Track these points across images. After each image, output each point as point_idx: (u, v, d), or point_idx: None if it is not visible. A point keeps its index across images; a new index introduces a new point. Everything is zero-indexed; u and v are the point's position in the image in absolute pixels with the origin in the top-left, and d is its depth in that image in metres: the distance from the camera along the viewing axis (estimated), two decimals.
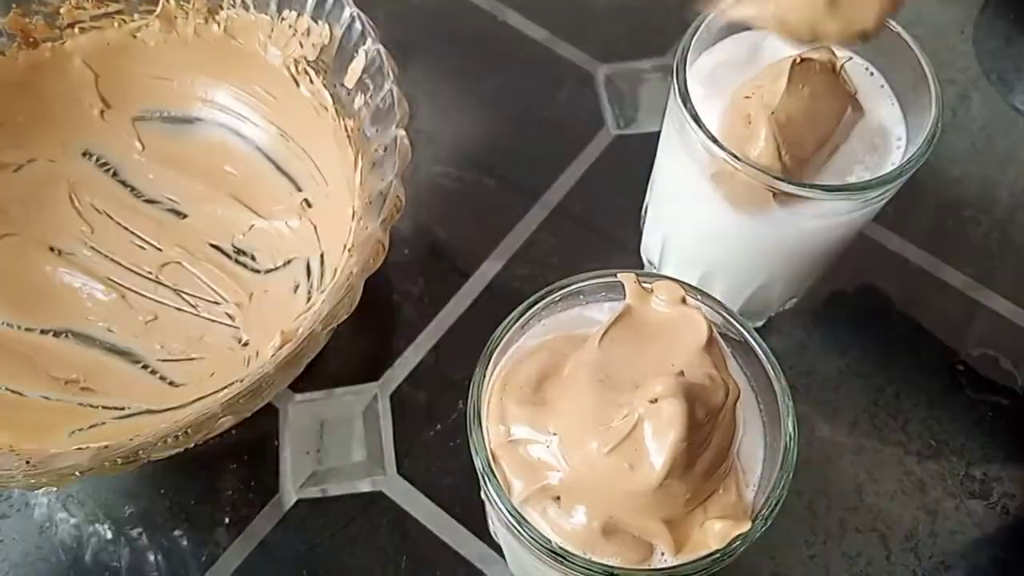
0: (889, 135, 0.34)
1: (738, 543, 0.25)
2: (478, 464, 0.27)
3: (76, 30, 0.43)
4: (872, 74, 0.35)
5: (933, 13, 0.54)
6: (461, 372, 0.43)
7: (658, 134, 0.38)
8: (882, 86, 0.35)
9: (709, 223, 0.36)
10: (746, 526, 0.25)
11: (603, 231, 0.47)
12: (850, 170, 0.34)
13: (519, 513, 0.26)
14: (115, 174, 0.45)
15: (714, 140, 0.32)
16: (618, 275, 0.29)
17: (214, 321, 0.42)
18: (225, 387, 0.39)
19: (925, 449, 0.41)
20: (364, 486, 0.40)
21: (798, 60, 0.32)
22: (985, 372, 0.43)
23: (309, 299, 0.42)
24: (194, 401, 0.39)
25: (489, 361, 0.28)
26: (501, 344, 0.28)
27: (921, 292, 0.46)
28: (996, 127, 0.51)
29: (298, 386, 0.42)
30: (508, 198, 0.48)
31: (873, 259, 0.46)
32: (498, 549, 0.39)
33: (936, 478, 0.41)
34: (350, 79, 0.40)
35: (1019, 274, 0.46)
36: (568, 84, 0.52)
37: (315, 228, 0.43)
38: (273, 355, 0.35)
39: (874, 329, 0.45)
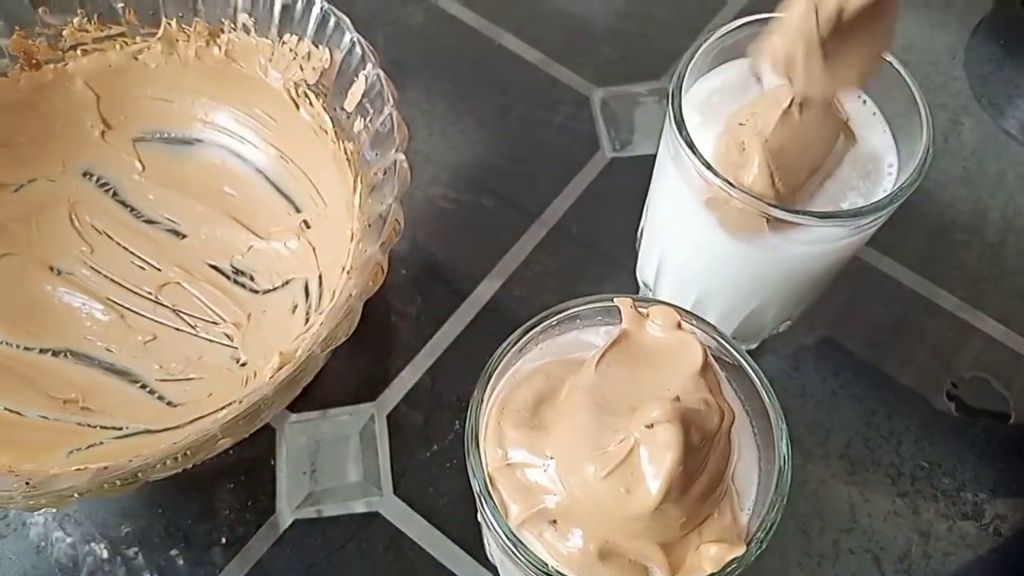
0: (881, 162, 0.35)
1: (733, 566, 0.25)
2: (475, 487, 0.27)
3: (78, 52, 0.44)
4: (864, 102, 0.36)
5: (924, 39, 0.55)
6: (458, 393, 0.43)
7: (653, 157, 0.39)
8: (874, 113, 0.36)
9: (704, 247, 0.37)
10: (741, 550, 0.26)
11: (599, 252, 0.48)
12: (843, 196, 0.34)
13: (515, 536, 0.26)
14: (115, 194, 0.46)
15: (708, 167, 0.32)
16: (614, 300, 0.29)
17: (212, 341, 0.43)
18: (223, 407, 0.39)
19: (918, 471, 0.42)
20: (360, 507, 0.41)
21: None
22: (977, 394, 0.44)
23: (307, 320, 0.42)
24: (192, 421, 0.39)
25: (487, 384, 0.28)
26: (499, 368, 0.29)
27: (913, 315, 0.46)
28: (987, 151, 0.51)
29: (295, 406, 0.42)
30: (505, 219, 0.48)
31: (866, 282, 0.47)
32: (494, 571, 0.39)
33: (929, 500, 0.41)
34: (350, 103, 0.40)
35: (1010, 297, 0.47)
36: (564, 107, 0.52)
37: (314, 249, 0.44)
38: (271, 377, 0.35)
39: (867, 351, 0.45)
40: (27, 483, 0.31)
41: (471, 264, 0.47)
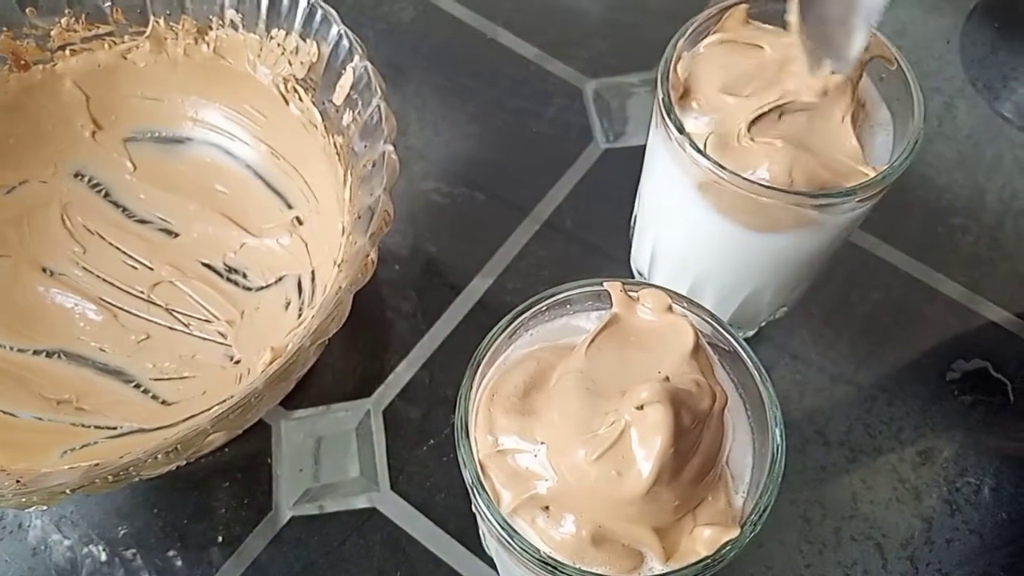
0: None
1: (727, 549, 0.25)
2: (467, 476, 0.27)
3: (67, 52, 0.44)
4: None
5: (918, 22, 0.55)
6: (454, 387, 0.42)
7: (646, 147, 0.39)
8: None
9: (697, 232, 0.36)
10: (735, 532, 0.25)
11: (593, 244, 0.47)
12: None
13: (508, 524, 0.26)
14: (107, 194, 0.46)
15: (700, 151, 0.32)
16: (604, 283, 0.29)
17: (206, 339, 0.42)
18: (217, 404, 0.39)
19: (919, 457, 0.41)
20: (358, 503, 0.40)
21: None
22: (977, 378, 0.43)
23: (300, 316, 0.42)
24: (186, 419, 0.39)
25: (476, 372, 0.28)
26: (488, 354, 0.28)
27: (912, 300, 0.46)
28: (983, 135, 0.51)
29: (291, 403, 0.42)
30: (499, 213, 0.48)
31: (863, 268, 0.46)
32: (492, 564, 0.38)
33: (931, 485, 0.41)
34: (338, 96, 0.40)
35: (1009, 280, 0.46)
36: (557, 99, 0.52)
37: (306, 245, 0.44)
38: (263, 371, 0.35)
39: (866, 337, 0.45)
40: (18, 481, 0.31)
41: (465, 258, 0.47)
